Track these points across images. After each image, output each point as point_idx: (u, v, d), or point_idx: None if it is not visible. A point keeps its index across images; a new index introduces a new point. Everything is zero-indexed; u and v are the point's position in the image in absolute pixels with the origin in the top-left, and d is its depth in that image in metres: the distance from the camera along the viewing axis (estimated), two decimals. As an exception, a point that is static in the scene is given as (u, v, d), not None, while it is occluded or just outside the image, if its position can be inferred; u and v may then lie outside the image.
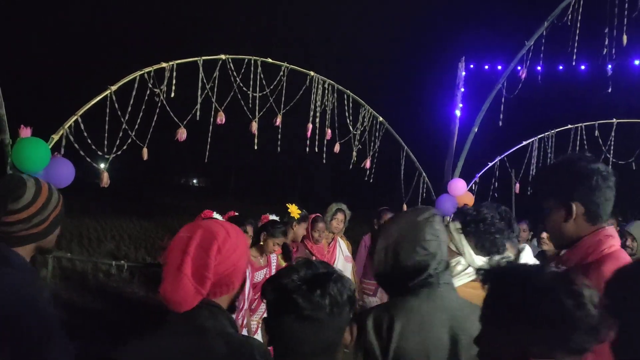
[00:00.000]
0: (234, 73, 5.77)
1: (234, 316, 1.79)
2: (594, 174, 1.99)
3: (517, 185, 8.04)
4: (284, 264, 5.34)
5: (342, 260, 6.07)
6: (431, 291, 1.88)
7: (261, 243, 4.78)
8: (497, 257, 2.25)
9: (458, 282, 2.21)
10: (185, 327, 1.62)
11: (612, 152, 7.62)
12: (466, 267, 2.27)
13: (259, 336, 4.71)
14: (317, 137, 6.58)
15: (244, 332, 4.64)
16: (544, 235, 4.33)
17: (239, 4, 24.96)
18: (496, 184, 8.06)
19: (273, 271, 4.93)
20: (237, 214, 5.12)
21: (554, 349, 1.30)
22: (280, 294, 1.45)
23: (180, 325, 1.64)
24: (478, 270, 1.86)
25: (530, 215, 6.46)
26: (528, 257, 2.67)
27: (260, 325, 4.76)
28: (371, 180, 7.24)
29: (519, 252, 2.67)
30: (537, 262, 2.57)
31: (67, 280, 9.71)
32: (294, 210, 5.59)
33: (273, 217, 5.09)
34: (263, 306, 4.74)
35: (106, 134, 5.04)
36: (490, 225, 2.30)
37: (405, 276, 1.92)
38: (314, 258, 5.58)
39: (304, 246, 5.73)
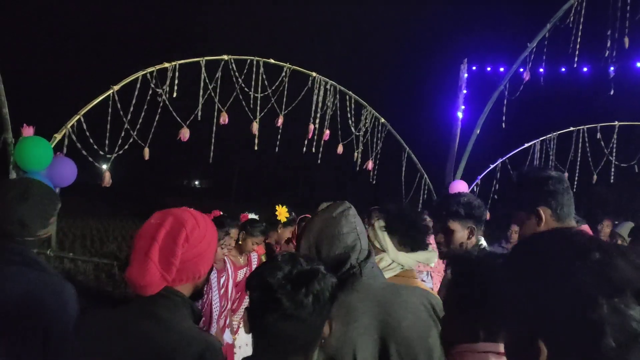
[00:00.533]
0: (237, 74, 5.78)
1: (199, 303, 1.84)
2: (549, 179, 2.22)
3: (519, 187, 8.03)
4: None
5: None
6: (355, 281, 1.88)
7: (240, 242, 4.73)
8: (420, 253, 2.37)
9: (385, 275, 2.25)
10: (141, 312, 1.66)
11: (614, 154, 7.61)
12: (390, 263, 2.32)
13: (241, 335, 4.71)
14: (316, 137, 6.58)
15: (227, 332, 4.60)
16: (514, 229, 4.64)
17: (242, 5, 25.00)
18: (497, 186, 8.06)
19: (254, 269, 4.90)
20: (221, 214, 5.06)
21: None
22: (264, 292, 1.43)
23: (137, 309, 1.68)
24: (445, 255, 1.92)
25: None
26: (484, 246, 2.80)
27: (241, 324, 4.76)
28: (374, 182, 7.24)
29: (478, 241, 2.82)
30: None
31: (69, 280, 9.71)
32: (282, 212, 5.54)
33: (252, 215, 5.05)
34: (244, 305, 4.72)
35: (108, 134, 5.05)
36: (412, 222, 2.38)
37: (329, 271, 1.96)
38: None
39: (288, 248, 5.65)
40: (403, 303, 1.86)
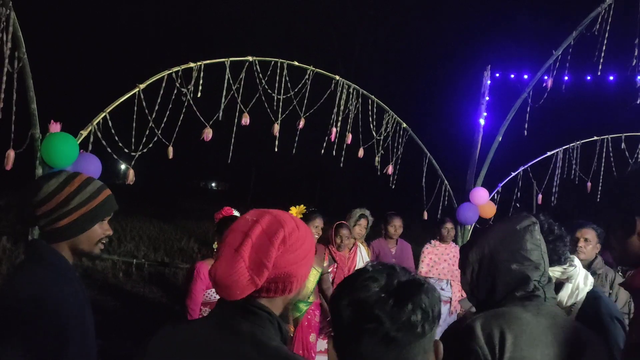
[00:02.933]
0: (260, 75, 5.80)
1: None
2: None
3: (540, 196, 7.97)
4: None
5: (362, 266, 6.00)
6: (539, 305, 1.76)
7: None
8: (557, 267, 2.22)
9: None
10: (222, 328, 1.47)
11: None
12: None
13: None
14: (336, 141, 6.58)
15: None
16: (582, 244, 4.18)
17: (268, 7, 25.12)
18: (518, 194, 7.99)
19: None
20: (234, 212, 4.95)
21: None
22: (359, 311, 1.17)
23: (217, 324, 1.49)
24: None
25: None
26: (576, 274, 2.53)
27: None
28: (394, 187, 7.22)
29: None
30: (590, 278, 2.46)
31: (88, 278, 9.81)
32: (294, 212, 5.46)
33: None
34: None
35: (133, 132, 5.09)
36: (548, 232, 2.20)
37: (505, 287, 1.80)
38: (335, 265, 5.53)
39: (324, 250, 5.64)
40: (590, 344, 1.73)
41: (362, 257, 6.05)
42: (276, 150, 6.24)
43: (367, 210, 6.10)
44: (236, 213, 4.64)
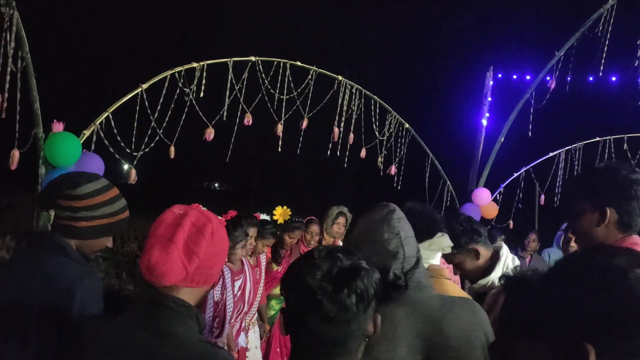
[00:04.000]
0: (263, 75, 5.81)
1: (210, 306, 1.76)
2: (634, 184, 2.05)
3: (542, 197, 7.97)
4: (275, 268, 5.29)
5: None
6: (401, 294, 1.75)
7: None
8: (427, 241, 2.18)
9: None
10: (144, 326, 1.56)
11: (641, 166, 7.50)
12: None
13: (251, 337, 4.67)
14: (340, 141, 6.58)
15: (241, 335, 4.55)
16: (572, 244, 4.27)
17: (271, 7, 25.12)
18: (521, 195, 7.99)
19: (263, 272, 4.87)
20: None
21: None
22: (303, 295, 1.33)
23: (138, 322, 1.58)
24: (500, 278, 1.81)
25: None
26: (506, 254, 2.66)
27: (250, 326, 4.73)
28: (399, 187, 7.21)
29: (496, 251, 2.67)
30: (516, 260, 2.65)
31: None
32: (279, 213, 5.44)
33: (264, 216, 5.00)
34: (255, 307, 4.70)
35: (135, 131, 5.10)
36: (409, 210, 2.17)
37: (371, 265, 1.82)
38: None
39: (297, 249, 5.58)
40: (454, 320, 1.72)
41: None
42: (279, 150, 6.25)
43: (345, 208, 6.01)
44: (264, 217, 4.77)
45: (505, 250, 2.69)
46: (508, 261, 2.63)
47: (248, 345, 4.62)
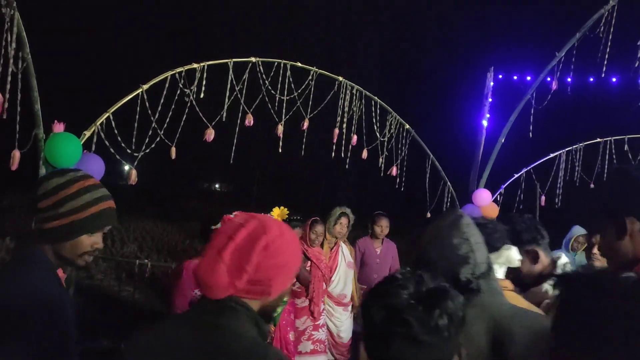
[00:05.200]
0: (264, 76, 5.82)
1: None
2: None
3: (543, 198, 7.96)
4: None
5: (344, 266, 5.99)
6: (471, 298, 1.72)
7: None
8: (495, 253, 2.12)
9: None
10: (202, 323, 1.53)
11: (642, 167, 7.48)
12: None
13: None
14: (343, 142, 6.59)
15: None
16: (595, 250, 4.13)
17: (271, 8, 25.15)
18: (522, 195, 7.98)
19: None
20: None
21: None
22: (390, 315, 1.25)
23: (197, 320, 1.55)
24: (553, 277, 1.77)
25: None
26: (562, 261, 2.57)
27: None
28: (402, 189, 7.21)
29: (553, 260, 2.52)
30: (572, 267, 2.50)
31: (90, 279, 9.83)
32: (277, 214, 5.44)
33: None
34: None
35: (135, 132, 5.10)
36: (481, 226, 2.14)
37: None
38: (308, 262, 5.53)
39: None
40: (523, 328, 1.70)
41: (343, 257, 6.04)
42: (280, 151, 6.25)
43: (347, 209, 6.05)
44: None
45: (562, 259, 2.57)
46: (567, 270, 2.50)
47: None
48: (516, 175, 7.84)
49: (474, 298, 1.74)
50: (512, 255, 2.16)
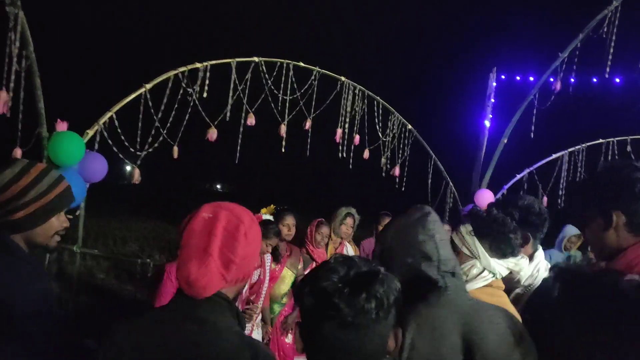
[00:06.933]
0: (266, 75, 5.82)
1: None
2: (638, 182, 1.87)
3: (545, 198, 7.95)
4: (274, 267, 5.28)
5: None
6: (440, 296, 1.75)
7: None
8: (511, 259, 2.19)
9: (474, 285, 2.12)
10: (186, 316, 1.54)
11: (644, 167, 7.47)
12: (482, 271, 2.16)
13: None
14: (343, 142, 6.58)
15: None
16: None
17: (274, 8, 25.18)
18: (524, 196, 7.95)
19: (267, 273, 4.88)
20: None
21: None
22: (319, 299, 1.28)
23: (180, 313, 1.56)
24: (551, 268, 1.81)
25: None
26: (540, 258, 2.61)
27: (256, 327, 4.75)
28: (403, 189, 7.21)
29: (534, 251, 2.60)
30: (547, 263, 2.58)
31: (91, 277, 9.83)
32: (265, 212, 5.43)
33: (266, 216, 5.01)
34: (259, 306, 4.72)
35: (139, 131, 5.11)
36: (502, 225, 2.20)
37: (405, 283, 1.69)
38: (313, 263, 5.50)
39: (301, 250, 5.53)
40: (489, 323, 1.73)
41: None
42: (283, 150, 6.25)
43: (353, 209, 5.95)
44: (267, 216, 4.77)
45: (540, 254, 2.60)
46: (540, 266, 2.54)
47: None
48: (518, 176, 7.84)
49: (442, 296, 1.76)
50: (524, 264, 2.26)
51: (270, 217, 4.98)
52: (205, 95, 5.45)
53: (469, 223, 2.25)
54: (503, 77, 8.05)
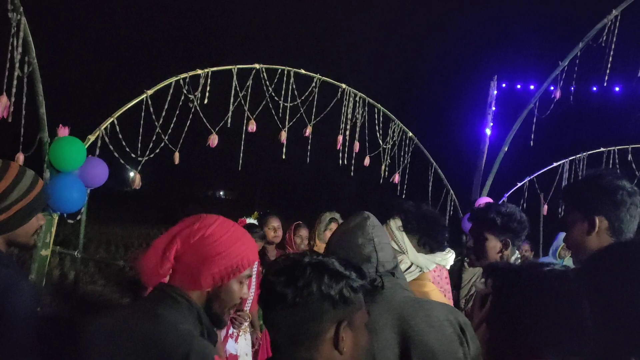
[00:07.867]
0: (267, 82, 5.84)
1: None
2: (619, 189, 2.05)
3: (546, 207, 7.95)
4: (261, 271, 5.28)
5: None
6: (376, 294, 1.84)
7: None
8: (438, 253, 2.30)
9: None
10: (143, 312, 1.63)
11: (645, 177, 7.49)
12: (409, 265, 2.25)
13: (241, 344, 4.67)
14: (346, 149, 6.59)
15: (230, 342, 4.56)
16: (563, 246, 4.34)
17: (275, 15, 25.28)
18: (524, 204, 7.96)
19: (254, 278, 4.89)
20: (247, 221, 5.08)
21: (563, 351, 1.31)
22: (266, 287, 1.45)
23: (140, 308, 1.69)
24: (486, 267, 1.90)
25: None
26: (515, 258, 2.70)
27: (240, 332, 4.74)
28: (403, 196, 7.21)
29: (512, 256, 2.69)
30: None
31: (94, 284, 9.83)
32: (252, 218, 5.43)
33: (250, 220, 5.01)
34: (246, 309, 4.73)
35: (140, 137, 5.12)
36: (431, 221, 2.30)
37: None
38: None
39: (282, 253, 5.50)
40: (425, 317, 1.80)
41: None
42: (284, 157, 6.26)
43: (337, 214, 5.80)
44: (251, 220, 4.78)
45: (515, 256, 2.69)
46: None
47: (238, 352, 4.60)
48: (519, 184, 7.84)
49: (378, 294, 1.84)
50: (451, 259, 2.39)
51: (255, 222, 5.01)
52: (206, 101, 5.47)
53: (399, 218, 2.35)
54: (504, 85, 8.06)
